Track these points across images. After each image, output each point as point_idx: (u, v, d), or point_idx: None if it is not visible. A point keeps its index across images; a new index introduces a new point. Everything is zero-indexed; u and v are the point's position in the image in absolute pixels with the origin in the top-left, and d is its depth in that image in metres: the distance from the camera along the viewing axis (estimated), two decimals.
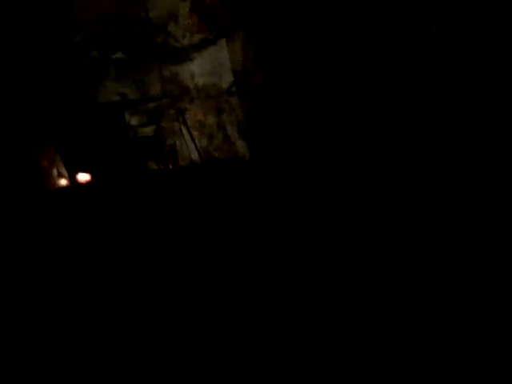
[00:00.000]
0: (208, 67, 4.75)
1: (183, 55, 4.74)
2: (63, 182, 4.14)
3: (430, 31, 1.74)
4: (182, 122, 4.70)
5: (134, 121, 4.75)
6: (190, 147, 4.75)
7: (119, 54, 4.70)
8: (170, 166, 4.50)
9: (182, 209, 3.82)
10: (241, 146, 4.71)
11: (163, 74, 4.76)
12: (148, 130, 4.81)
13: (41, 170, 4.10)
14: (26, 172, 4.02)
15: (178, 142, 4.82)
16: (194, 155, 4.76)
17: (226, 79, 4.72)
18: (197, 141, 4.71)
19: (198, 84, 4.77)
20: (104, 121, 4.61)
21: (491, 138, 2.07)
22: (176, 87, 4.74)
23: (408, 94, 2.04)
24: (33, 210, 3.83)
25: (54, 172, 4.14)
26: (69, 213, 3.83)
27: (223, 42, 4.69)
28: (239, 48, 4.62)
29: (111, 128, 4.62)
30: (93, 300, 2.99)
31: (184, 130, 4.71)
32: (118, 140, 4.63)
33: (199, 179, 4.36)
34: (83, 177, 4.16)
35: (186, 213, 3.75)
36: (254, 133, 4.66)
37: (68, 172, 4.25)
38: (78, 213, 3.82)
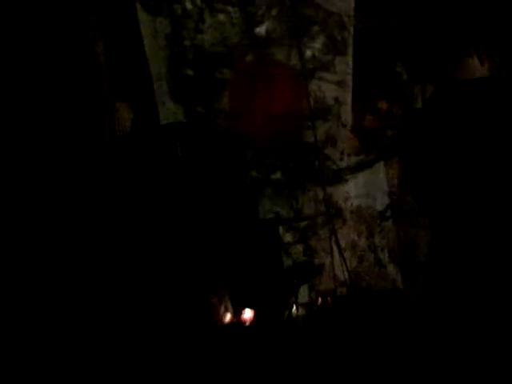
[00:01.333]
0: (362, 189, 4.81)
1: (339, 177, 4.77)
2: (228, 317, 4.09)
3: None
4: (335, 241, 4.71)
5: (287, 237, 4.71)
6: (339, 267, 4.77)
7: (278, 175, 4.66)
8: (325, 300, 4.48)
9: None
10: (392, 270, 4.78)
11: (318, 194, 4.76)
12: (299, 248, 4.78)
13: (211, 307, 4.06)
14: (200, 308, 3.99)
15: (327, 262, 4.82)
16: (344, 276, 4.77)
17: (381, 202, 4.80)
18: (348, 262, 4.73)
19: (352, 205, 4.81)
20: (262, 240, 4.53)
21: None
22: (329, 207, 4.75)
23: None
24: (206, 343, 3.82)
25: (222, 308, 4.10)
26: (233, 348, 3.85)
27: (380, 165, 4.77)
28: (396, 172, 4.72)
29: (268, 247, 4.55)
30: None
31: (335, 250, 4.72)
32: (274, 262, 4.56)
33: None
34: (248, 313, 4.13)
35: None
36: (407, 258, 4.76)
37: (233, 306, 4.19)
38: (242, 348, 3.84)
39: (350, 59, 4.73)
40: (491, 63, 1.76)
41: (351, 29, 4.74)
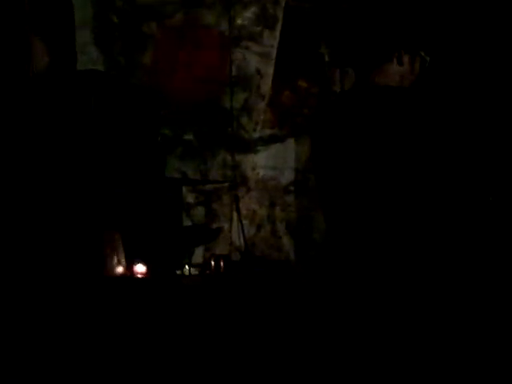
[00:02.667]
0: (271, 162, 4.95)
1: (249, 146, 4.88)
2: (120, 269, 4.16)
3: None
4: (236, 208, 4.84)
5: (189, 198, 4.80)
6: (236, 234, 4.92)
7: (190, 136, 4.72)
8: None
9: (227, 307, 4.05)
10: (287, 242, 4.98)
11: (226, 160, 4.86)
12: (200, 210, 4.88)
13: (103, 257, 4.11)
14: (90, 257, 4.04)
15: (226, 227, 4.95)
16: (239, 241, 4.93)
17: (287, 176, 4.95)
18: (246, 229, 4.88)
19: (258, 175, 4.94)
20: (164, 198, 4.61)
21: None
22: (236, 175, 4.87)
23: None
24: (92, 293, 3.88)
25: (115, 260, 4.16)
26: (124, 301, 3.93)
27: (291, 141, 4.91)
28: (305, 150, 4.88)
29: (170, 205, 4.63)
30: None
31: (235, 217, 4.86)
32: (174, 221, 4.65)
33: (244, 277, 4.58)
34: (140, 268, 4.21)
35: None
36: (303, 233, 4.96)
37: (126, 259, 4.26)
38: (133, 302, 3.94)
39: (277, 33, 4.78)
40: (413, 59, 1.85)
41: (283, 3, 4.78)
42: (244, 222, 4.87)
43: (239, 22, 4.65)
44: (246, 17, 4.67)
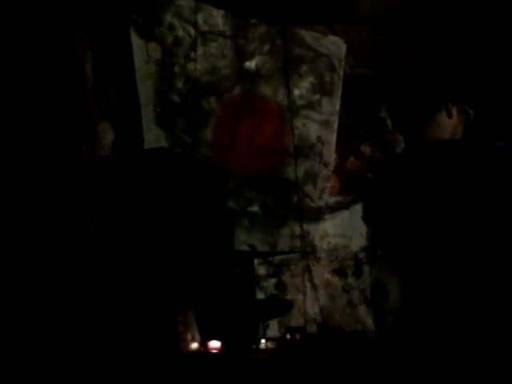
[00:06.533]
0: (339, 229, 4.85)
1: (316, 215, 4.81)
2: (194, 346, 4.09)
3: None
4: (308, 278, 4.73)
5: (261, 270, 4.73)
6: (311, 304, 4.78)
7: (255, 208, 4.69)
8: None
9: None
10: (363, 311, 4.80)
11: (294, 230, 4.79)
12: (272, 282, 4.79)
13: (177, 335, 4.07)
14: (165, 334, 4.00)
15: (299, 298, 4.83)
16: (315, 313, 4.78)
17: (356, 243, 4.83)
18: (320, 300, 4.74)
19: (328, 244, 4.84)
20: (236, 272, 4.54)
21: None
22: (305, 244, 4.78)
23: None
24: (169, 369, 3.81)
25: (189, 337, 4.10)
26: (199, 377, 3.83)
27: (359, 206, 4.82)
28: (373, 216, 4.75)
29: (242, 279, 4.56)
30: None
31: (308, 287, 4.74)
32: (247, 295, 4.56)
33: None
34: (215, 344, 4.12)
35: None
36: (379, 301, 4.78)
37: (200, 335, 4.19)
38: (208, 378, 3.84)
39: (337, 101, 4.81)
40: (460, 113, 1.84)
41: (341, 72, 4.83)
42: (317, 292, 4.76)
43: (297, 91, 4.71)
44: (303, 86, 4.73)
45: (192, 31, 4.29)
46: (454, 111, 1.84)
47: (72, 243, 3.69)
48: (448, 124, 1.84)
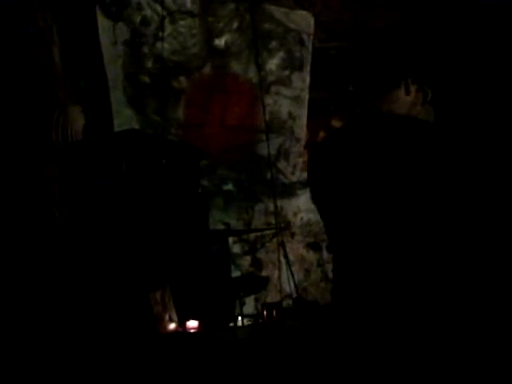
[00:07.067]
0: (312, 204, 4.86)
1: (290, 191, 4.83)
2: (172, 326, 4.12)
3: None
4: (283, 254, 4.76)
5: (235, 248, 4.75)
6: (286, 280, 4.83)
7: (230, 186, 4.70)
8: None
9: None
10: None
11: (268, 206, 4.81)
12: (247, 260, 4.82)
13: (155, 316, 4.08)
14: (142, 316, 4.02)
15: (274, 274, 4.87)
16: (289, 288, 4.83)
17: None
18: (295, 275, 4.79)
19: (302, 219, 4.87)
20: (211, 250, 4.56)
21: None
22: (279, 221, 4.81)
23: None
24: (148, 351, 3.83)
25: (166, 317, 4.12)
26: (178, 357, 3.86)
27: None
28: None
29: (217, 257, 4.58)
30: None
31: (283, 263, 4.78)
32: (223, 273, 4.59)
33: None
34: (192, 323, 4.16)
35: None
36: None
37: (178, 316, 4.21)
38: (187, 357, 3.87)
39: (307, 76, 4.80)
40: (419, 92, 1.87)
41: (310, 46, 4.81)
42: (292, 268, 4.80)
43: (267, 67, 4.68)
44: (273, 62, 4.70)
45: (160, 10, 4.22)
46: (413, 89, 1.86)
47: (45, 229, 3.65)
48: (405, 101, 1.87)
